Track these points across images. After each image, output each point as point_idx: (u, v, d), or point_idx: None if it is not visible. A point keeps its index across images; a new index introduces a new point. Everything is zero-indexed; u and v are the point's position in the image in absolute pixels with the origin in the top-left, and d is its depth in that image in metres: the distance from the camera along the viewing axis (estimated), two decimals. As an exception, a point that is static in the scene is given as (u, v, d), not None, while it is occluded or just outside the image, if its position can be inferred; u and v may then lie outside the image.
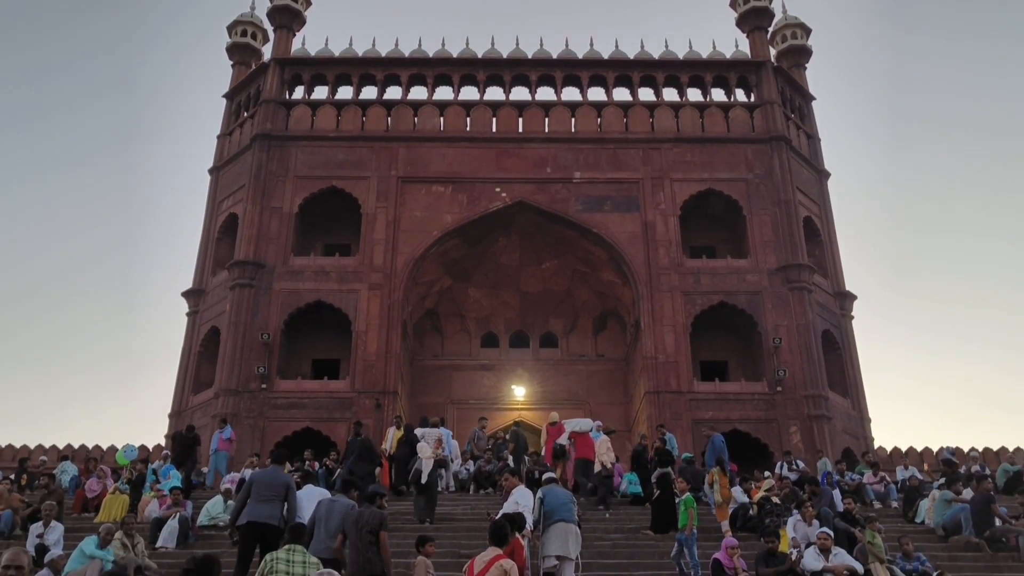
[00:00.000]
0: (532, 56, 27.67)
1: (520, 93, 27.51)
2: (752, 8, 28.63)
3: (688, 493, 11.78)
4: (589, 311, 27.51)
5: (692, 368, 23.08)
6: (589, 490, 15.51)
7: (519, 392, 26.79)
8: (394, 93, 27.30)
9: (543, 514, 9.56)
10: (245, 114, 27.78)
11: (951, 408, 58.10)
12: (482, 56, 27.58)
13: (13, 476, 17.73)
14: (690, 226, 25.20)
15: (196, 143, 73.34)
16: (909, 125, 66.11)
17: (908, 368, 59.27)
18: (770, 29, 29.33)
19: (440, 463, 14.60)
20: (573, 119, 26.52)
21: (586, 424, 16.76)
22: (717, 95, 27.70)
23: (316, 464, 17.21)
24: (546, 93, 27.53)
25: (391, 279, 23.68)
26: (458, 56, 27.57)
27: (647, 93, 27.50)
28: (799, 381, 22.53)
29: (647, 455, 16.06)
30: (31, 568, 5.31)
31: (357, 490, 10.24)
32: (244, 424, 21.63)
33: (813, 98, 29.28)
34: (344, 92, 27.52)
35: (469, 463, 18.21)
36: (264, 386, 22.29)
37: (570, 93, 27.51)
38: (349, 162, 25.41)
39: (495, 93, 27.46)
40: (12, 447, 23.55)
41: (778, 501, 13.08)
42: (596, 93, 27.53)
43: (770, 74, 27.27)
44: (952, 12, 68.13)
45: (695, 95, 27.56)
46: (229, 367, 22.46)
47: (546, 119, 26.49)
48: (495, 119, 26.53)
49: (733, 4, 29.46)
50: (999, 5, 64.08)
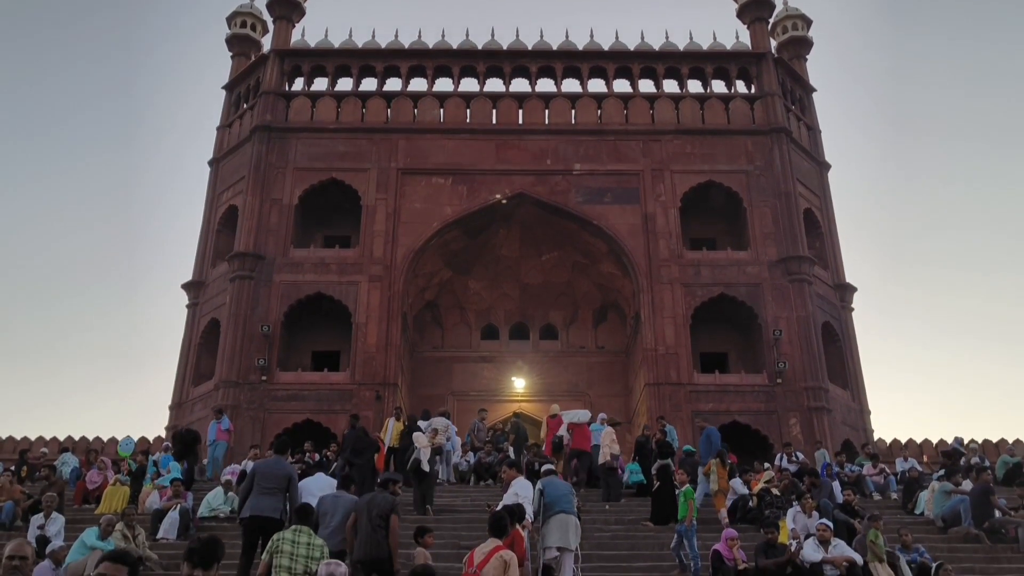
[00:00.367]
0: (532, 47, 27.58)
1: (520, 85, 27.50)
2: (753, -2, 28.51)
3: (688, 485, 11.79)
4: (589, 303, 27.52)
5: (692, 360, 23.10)
6: (580, 481, 15.52)
7: (519, 384, 26.83)
8: (394, 84, 27.24)
9: (543, 506, 9.58)
10: (245, 106, 27.73)
11: (951, 400, 58.24)
12: (482, 47, 27.48)
13: (14, 468, 17.78)
14: (690, 218, 25.19)
15: (196, 135, 73.28)
16: (910, 117, 66.07)
17: (908, 360, 59.37)
18: (771, 20, 29.24)
19: (437, 451, 14.64)
20: (573, 111, 26.46)
21: (584, 415, 16.75)
22: (717, 87, 27.67)
23: (316, 456, 17.24)
24: (546, 85, 27.52)
25: (391, 271, 23.68)
26: (458, 47, 27.49)
27: (647, 85, 27.46)
28: (799, 373, 22.56)
29: (650, 446, 16.08)
30: (33, 559, 5.32)
31: (355, 484, 10.32)
32: (244, 416, 21.68)
33: (814, 89, 29.22)
34: (344, 84, 27.46)
35: (469, 455, 18.23)
36: (264, 378, 22.31)
37: (570, 85, 27.50)
38: (349, 154, 25.37)
39: (495, 85, 27.40)
40: (13, 439, 23.61)
41: (778, 493, 13.10)
42: (596, 85, 27.51)
43: (771, 65, 27.20)
44: (953, 4, 67.99)
45: (695, 87, 27.51)
46: (229, 359, 22.48)
47: (546, 111, 26.44)
48: (495, 111, 26.49)
49: (734, -5, 29.38)
50: (1000, -3, 63.83)
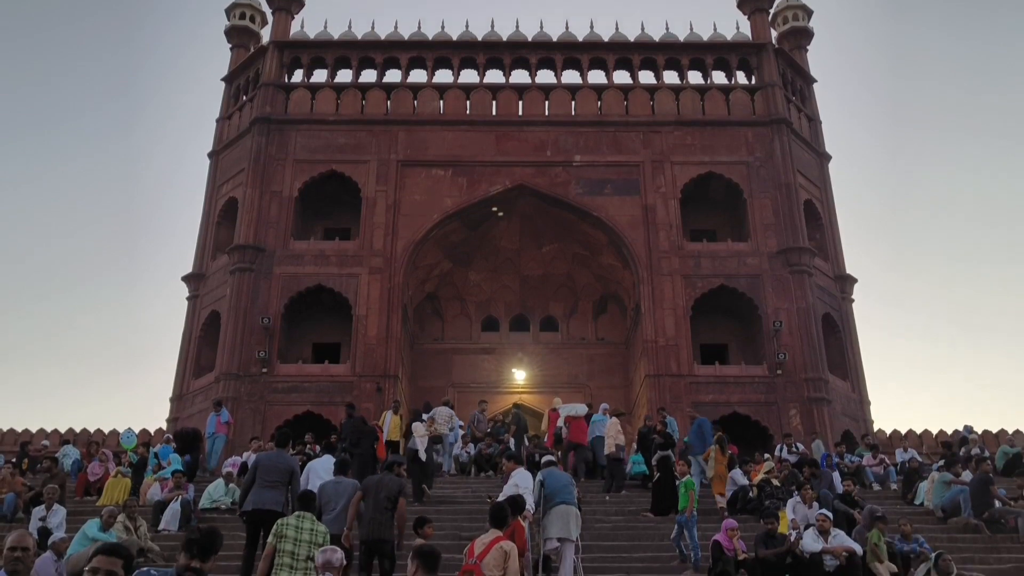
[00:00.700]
0: (532, 39, 27.46)
1: (520, 76, 27.39)
2: (753, -11, 28.39)
3: (688, 476, 11.82)
4: (589, 295, 27.52)
5: (692, 351, 23.09)
6: (579, 473, 15.63)
7: (519, 376, 26.86)
8: (393, 76, 27.14)
9: (544, 497, 9.61)
10: (244, 98, 27.65)
11: (951, 391, 58.33)
12: (482, 39, 27.36)
13: (15, 460, 17.84)
14: (690, 209, 25.15)
15: (195, 127, 73.13)
16: (911, 107, 65.84)
17: (908, 351, 59.38)
18: (771, 11, 29.10)
19: (435, 439, 14.71)
20: (573, 102, 26.37)
21: (581, 409, 16.87)
22: (718, 77, 27.55)
23: (317, 447, 17.28)
24: (546, 76, 27.41)
25: (391, 263, 23.66)
26: (458, 39, 27.37)
27: (648, 76, 27.35)
28: (799, 364, 22.55)
29: (652, 436, 16.11)
30: (35, 551, 5.34)
31: (351, 468, 10.50)
32: (245, 408, 21.70)
33: (814, 80, 29.12)
34: (343, 75, 27.35)
35: (469, 446, 18.27)
36: (265, 370, 22.32)
37: (570, 76, 27.40)
38: (349, 146, 25.31)
39: (495, 76, 27.31)
40: (14, 431, 23.64)
41: (778, 483, 13.15)
42: (596, 76, 27.41)
43: (771, 56, 27.08)
44: (955, -6, 67.67)
45: (696, 78, 27.40)
46: (230, 351, 22.49)
47: (546, 102, 26.35)
48: (495, 102, 26.40)
49: (734, -15, 29.26)
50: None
